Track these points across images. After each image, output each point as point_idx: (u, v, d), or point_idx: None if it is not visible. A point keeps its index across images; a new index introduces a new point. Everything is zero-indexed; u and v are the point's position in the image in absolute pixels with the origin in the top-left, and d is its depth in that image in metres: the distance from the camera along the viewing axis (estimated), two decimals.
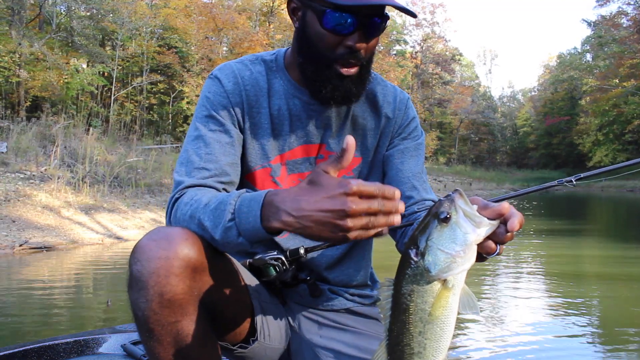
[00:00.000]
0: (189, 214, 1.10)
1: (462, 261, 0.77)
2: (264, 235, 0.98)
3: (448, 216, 0.78)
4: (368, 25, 1.19)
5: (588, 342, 3.42)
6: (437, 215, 0.78)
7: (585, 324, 3.79)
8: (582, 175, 1.42)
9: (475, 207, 0.81)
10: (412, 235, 0.81)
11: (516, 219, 0.83)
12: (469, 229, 0.78)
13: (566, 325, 3.76)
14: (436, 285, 0.78)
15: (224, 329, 1.22)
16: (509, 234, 0.84)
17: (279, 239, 1.37)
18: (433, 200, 1.37)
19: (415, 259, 0.78)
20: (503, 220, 0.84)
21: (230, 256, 1.25)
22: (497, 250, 0.87)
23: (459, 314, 0.81)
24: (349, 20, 1.17)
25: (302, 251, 1.32)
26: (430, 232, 0.78)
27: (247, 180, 1.38)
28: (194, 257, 1.03)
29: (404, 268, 0.80)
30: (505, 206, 0.84)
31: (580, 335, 3.54)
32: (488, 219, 0.82)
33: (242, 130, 1.34)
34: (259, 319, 1.28)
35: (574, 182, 1.39)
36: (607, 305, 4.50)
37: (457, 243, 0.77)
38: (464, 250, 0.77)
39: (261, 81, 1.35)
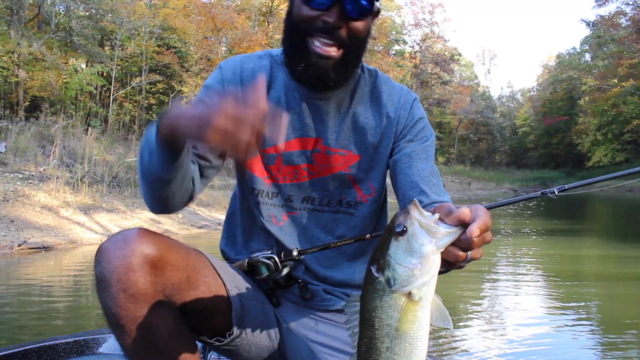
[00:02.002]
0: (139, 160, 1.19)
1: (420, 274, 0.75)
2: (157, 145, 1.08)
3: (404, 229, 0.76)
4: (348, 3, 1.19)
5: (587, 342, 3.42)
6: (393, 229, 0.77)
7: (584, 324, 3.80)
8: (565, 186, 1.41)
9: (436, 215, 0.78)
10: (373, 251, 0.81)
11: (475, 225, 0.76)
12: (424, 240, 0.75)
13: (565, 325, 3.77)
14: (400, 300, 0.76)
15: (199, 323, 1.26)
16: (475, 239, 0.77)
17: (275, 231, 1.40)
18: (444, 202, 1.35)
19: (376, 274, 0.77)
20: (466, 225, 0.78)
21: (205, 254, 1.29)
22: (468, 257, 0.80)
23: (431, 327, 0.79)
24: None
25: (295, 253, 1.36)
26: (387, 247, 0.77)
27: (245, 167, 1.42)
28: (151, 254, 1.09)
29: (367, 284, 0.79)
30: (465, 211, 0.78)
31: (579, 335, 3.54)
32: (450, 226, 0.78)
33: None
34: (236, 314, 1.30)
35: (557, 193, 1.38)
36: (606, 304, 4.50)
37: (414, 256, 0.75)
38: (422, 263, 0.75)
39: (264, 73, 1.37)
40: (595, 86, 40.99)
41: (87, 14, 20.57)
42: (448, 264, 0.80)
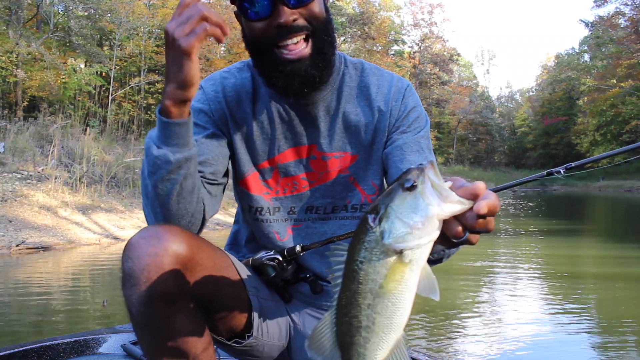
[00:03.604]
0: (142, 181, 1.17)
1: (419, 234, 0.70)
2: (165, 122, 1.08)
3: (414, 184, 0.71)
4: None
5: (585, 342, 3.42)
6: (402, 183, 0.72)
7: (583, 324, 3.80)
8: (572, 164, 1.36)
9: (448, 183, 0.74)
10: (374, 201, 0.76)
11: (484, 202, 0.71)
12: (433, 201, 0.70)
13: (563, 325, 3.76)
14: (391, 256, 0.71)
15: (219, 324, 1.23)
16: (480, 220, 0.72)
17: (279, 247, 1.37)
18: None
19: (372, 224, 0.72)
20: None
21: (227, 253, 1.26)
22: (465, 236, 0.75)
23: (417, 297, 0.74)
24: (261, 1, 1.16)
25: (298, 249, 1.33)
26: (392, 198, 0.72)
27: (241, 186, 1.39)
28: (183, 253, 1.06)
29: (359, 233, 0.74)
30: (480, 186, 0.73)
31: (578, 335, 3.54)
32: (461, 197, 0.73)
33: (227, 136, 1.34)
34: (255, 315, 1.28)
35: (563, 173, 1.33)
36: (604, 304, 4.50)
37: (418, 214, 0.70)
38: (423, 223, 0.70)
39: (247, 86, 1.35)
40: (594, 86, 41.03)
41: (85, 13, 20.55)
42: (442, 239, 0.75)
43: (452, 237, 0.75)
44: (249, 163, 1.36)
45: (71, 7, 19.61)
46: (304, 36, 1.19)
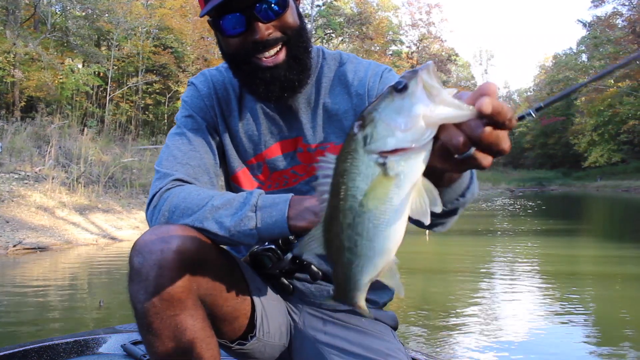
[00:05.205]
0: (190, 201, 1.13)
1: (402, 136, 0.62)
2: (283, 231, 1.06)
3: (405, 86, 0.64)
4: (261, 11, 1.17)
5: (583, 341, 3.42)
6: (393, 85, 0.65)
7: (581, 323, 3.81)
8: (542, 104, 1.42)
9: (453, 90, 0.65)
10: (364, 108, 0.69)
11: (488, 99, 0.59)
12: (420, 100, 0.62)
13: (562, 324, 3.77)
14: (373, 169, 0.63)
15: (223, 325, 1.23)
16: (486, 129, 0.60)
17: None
18: None
19: (355, 130, 0.65)
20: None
21: (233, 254, 1.26)
22: (470, 152, 0.63)
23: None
24: (236, 18, 1.17)
25: (292, 237, 1.31)
26: (379, 101, 0.65)
27: (232, 181, 1.40)
28: (194, 253, 1.06)
29: (345, 142, 0.67)
30: (492, 88, 0.62)
31: (576, 334, 3.55)
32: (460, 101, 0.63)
33: (218, 133, 1.37)
34: (258, 315, 1.28)
35: (534, 115, 1.38)
36: (602, 304, 4.51)
37: (402, 114, 0.62)
38: (407, 123, 0.62)
39: (234, 84, 1.38)
40: (592, 86, 41.11)
41: (83, 14, 20.51)
42: (445, 158, 0.65)
43: (453, 149, 0.63)
44: (237, 160, 1.38)
45: (69, 7, 19.58)
46: (278, 47, 1.22)
